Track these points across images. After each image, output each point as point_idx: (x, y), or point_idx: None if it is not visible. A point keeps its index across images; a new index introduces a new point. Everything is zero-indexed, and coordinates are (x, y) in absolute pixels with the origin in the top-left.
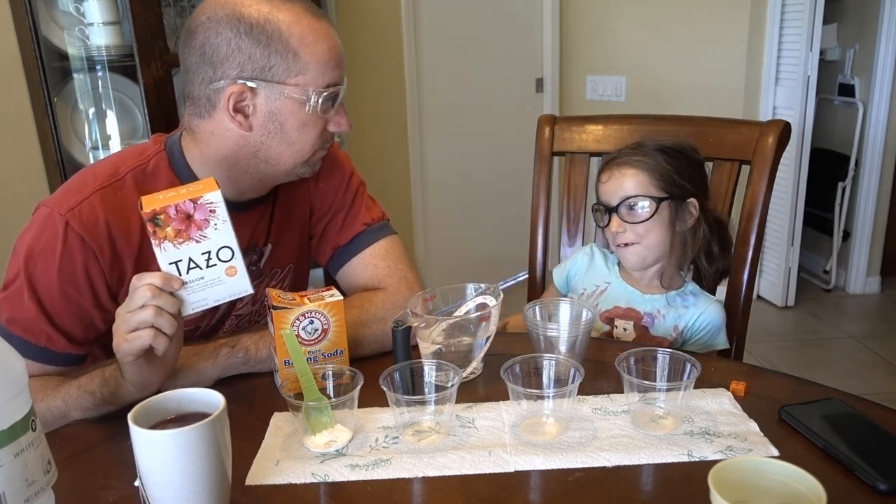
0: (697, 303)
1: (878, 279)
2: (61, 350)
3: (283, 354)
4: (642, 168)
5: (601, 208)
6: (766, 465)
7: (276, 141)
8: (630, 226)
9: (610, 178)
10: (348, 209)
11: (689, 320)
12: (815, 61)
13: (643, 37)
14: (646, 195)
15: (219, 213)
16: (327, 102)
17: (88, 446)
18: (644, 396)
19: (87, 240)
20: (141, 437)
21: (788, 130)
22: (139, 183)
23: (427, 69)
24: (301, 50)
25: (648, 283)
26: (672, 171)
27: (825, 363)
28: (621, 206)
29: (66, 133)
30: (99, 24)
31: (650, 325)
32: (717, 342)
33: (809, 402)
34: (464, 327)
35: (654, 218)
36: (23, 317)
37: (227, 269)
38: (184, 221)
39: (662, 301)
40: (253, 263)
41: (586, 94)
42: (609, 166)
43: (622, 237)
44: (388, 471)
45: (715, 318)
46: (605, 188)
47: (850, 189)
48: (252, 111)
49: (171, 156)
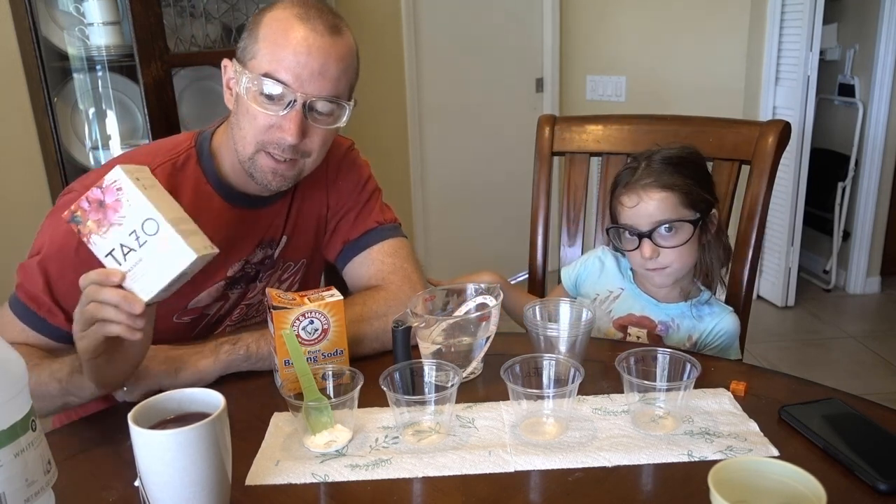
0: (713, 312)
1: (878, 279)
2: (58, 325)
3: (283, 354)
4: (673, 190)
5: (626, 232)
6: (766, 465)
7: (235, 121)
8: (664, 250)
9: (639, 202)
10: (361, 207)
11: (704, 330)
12: (815, 61)
13: (643, 37)
14: (681, 219)
15: (125, 190)
16: (260, 93)
17: (88, 446)
18: (644, 396)
19: None
20: (141, 437)
21: (788, 130)
22: (169, 177)
23: (427, 69)
24: (261, 37)
25: (666, 292)
26: (695, 186)
27: (825, 363)
28: (655, 232)
29: (66, 133)
30: (99, 24)
31: (664, 333)
32: (730, 353)
33: (809, 402)
34: (464, 327)
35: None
36: (31, 287)
37: (159, 243)
38: (98, 210)
39: (678, 310)
40: (268, 257)
41: (586, 94)
42: (634, 188)
43: (656, 262)
44: (388, 471)
45: (730, 329)
46: (632, 212)
47: (850, 189)
48: (234, 87)
49: (200, 152)
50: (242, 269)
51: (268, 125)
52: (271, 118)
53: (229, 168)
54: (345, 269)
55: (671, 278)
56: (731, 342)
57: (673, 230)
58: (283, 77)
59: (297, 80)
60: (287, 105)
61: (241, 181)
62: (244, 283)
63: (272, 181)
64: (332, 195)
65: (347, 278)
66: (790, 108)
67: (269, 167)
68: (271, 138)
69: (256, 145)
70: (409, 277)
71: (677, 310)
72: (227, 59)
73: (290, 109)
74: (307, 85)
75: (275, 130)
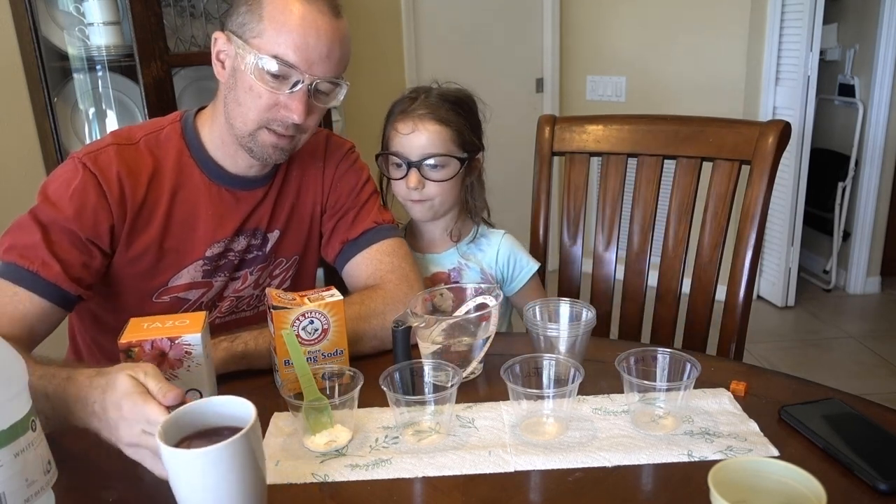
0: (490, 242)
1: (878, 279)
2: (52, 280)
3: (283, 354)
4: (447, 125)
5: (395, 159)
6: (766, 465)
7: (231, 97)
8: (429, 183)
9: (413, 130)
10: (360, 207)
11: (490, 262)
12: (815, 61)
13: (643, 37)
14: (450, 154)
15: (194, 356)
16: (268, 73)
17: (88, 446)
18: (644, 396)
19: (101, 180)
20: (174, 457)
21: (788, 130)
22: (152, 148)
23: (427, 69)
24: (266, 15)
25: (440, 240)
26: (466, 127)
27: (825, 363)
28: (424, 163)
29: (66, 133)
30: (99, 24)
31: (459, 277)
32: (529, 267)
33: (809, 402)
34: (464, 327)
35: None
36: (23, 242)
37: None
38: (157, 358)
39: (457, 253)
40: (257, 248)
41: (586, 94)
42: (410, 116)
43: (419, 193)
44: (388, 471)
45: (511, 249)
46: (405, 140)
47: (850, 189)
48: (227, 62)
49: (185, 126)
50: (224, 254)
51: (272, 103)
52: (276, 96)
53: (216, 143)
54: (344, 268)
55: (431, 212)
56: (519, 258)
57: (440, 165)
58: (292, 59)
59: (307, 62)
60: (293, 84)
61: (226, 158)
62: (227, 271)
63: (272, 155)
64: (332, 195)
65: (346, 278)
66: (790, 108)
67: (269, 142)
68: (275, 116)
69: (259, 122)
70: (407, 277)
71: (456, 253)
72: (219, 32)
73: (295, 89)
74: (315, 67)
75: (279, 109)
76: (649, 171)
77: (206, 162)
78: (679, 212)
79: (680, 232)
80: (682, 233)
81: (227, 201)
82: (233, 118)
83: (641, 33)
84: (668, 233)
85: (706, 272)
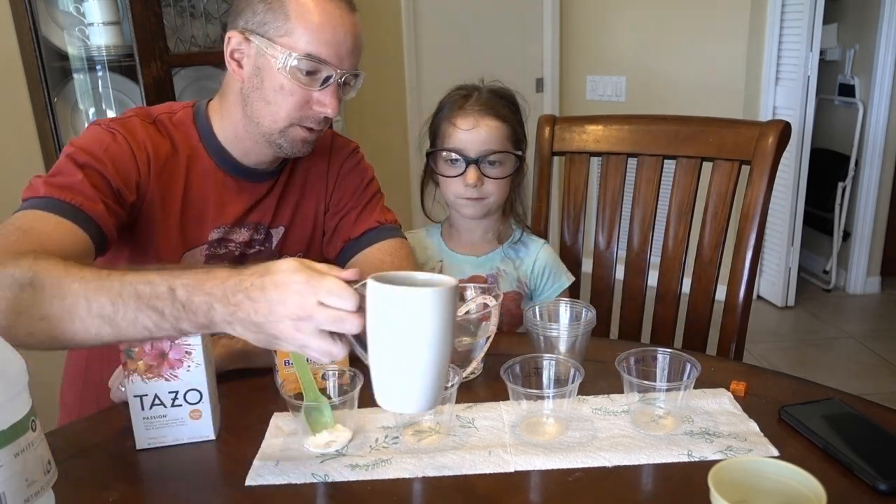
0: (528, 250)
1: (878, 279)
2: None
3: (283, 354)
4: (505, 122)
5: (451, 156)
6: (766, 465)
7: (256, 96)
8: (487, 180)
9: (475, 125)
10: (363, 207)
11: (527, 270)
12: (815, 61)
13: (643, 37)
14: (510, 151)
15: (195, 357)
16: (302, 71)
17: (88, 446)
18: (644, 396)
19: (130, 142)
20: (405, 297)
21: (788, 130)
22: (167, 127)
23: (427, 69)
24: (293, 13)
25: (481, 241)
26: (519, 125)
27: (825, 363)
28: (483, 160)
29: (66, 133)
30: (99, 24)
31: (495, 284)
32: (563, 282)
33: (809, 402)
34: (464, 327)
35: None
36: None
37: (191, 412)
38: (157, 358)
39: (497, 257)
40: (260, 243)
41: (586, 94)
42: (469, 112)
43: (478, 191)
44: (388, 471)
45: (548, 258)
46: (465, 136)
47: (850, 189)
48: (245, 61)
49: (196, 114)
50: (224, 243)
51: (304, 100)
52: (309, 93)
53: (228, 136)
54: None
55: (484, 210)
56: (556, 270)
57: (499, 161)
58: (326, 56)
59: (338, 57)
60: (324, 80)
61: (237, 150)
62: (228, 262)
63: (301, 149)
64: (336, 193)
65: None
66: (790, 108)
67: (300, 137)
68: (308, 113)
69: (291, 120)
70: None
71: (496, 257)
72: (233, 31)
73: (327, 85)
74: (344, 62)
75: (311, 105)
76: (649, 171)
77: (215, 149)
78: (679, 212)
79: (680, 232)
80: (682, 233)
81: (231, 189)
82: (260, 117)
83: (641, 33)
84: (668, 233)
85: (706, 272)
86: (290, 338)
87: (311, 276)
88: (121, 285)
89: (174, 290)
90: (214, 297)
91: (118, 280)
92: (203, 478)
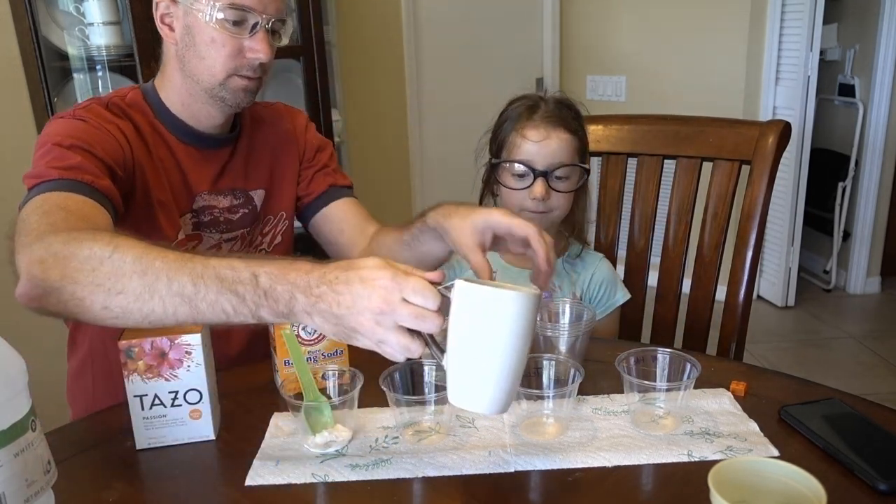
0: (585, 264)
1: (878, 279)
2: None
3: (283, 354)
4: (574, 134)
5: (519, 168)
6: (766, 465)
7: (191, 54)
8: (554, 193)
9: (546, 137)
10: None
11: (583, 285)
12: (815, 61)
13: (643, 37)
14: (578, 165)
15: (195, 356)
16: (229, 21)
17: (88, 446)
18: (644, 396)
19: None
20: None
21: (788, 130)
22: (123, 108)
23: (427, 69)
24: None
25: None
26: (585, 138)
27: (825, 363)
28: (552, 173)
29: None
30: (99, 24)
31: (549, 298)
32: (618, 297)
33: (809, 402)
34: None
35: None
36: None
37: (191, 412)
38: (157, 358)
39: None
40: (242, 206)
41: (586, 94)
42: (540, 123)
43: (544, 205)
44: (388, 471)
45: (607, 274)
46: (535, 148)
47: (850, 189)
48: (175, 23)
49: (146, 92)
50: (209, 211)
51: (237, 50)
52: (240, 42)
53: (177, 105)
54: (311, 221)
55: (548, 224)
56: (613, 287)
57: (567, 175)
58: (249, 3)
59: (261, 4)
60: (252, 27)
61: (190, 118)
62: (214, 229)
63: (243, 99)
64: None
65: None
66: (790, 108)
67: (241, 86)
68: (243, 62)
69: (227, 70)
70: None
71: (559, 268)
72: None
73: (256, 31)
74: (269, 7)
75: (244, 53)
76: (649, 171)
77: (171, 122)
78: (679, 212)
79: (680, 232)
80: (682, 233)
81: (196, 158)
82: (198, 73)
83: (641, 33)
84: (668, 233)
85: (706, 272)
86: (370, 331)
87: (397, 274)
88: (203, 268)
89: (257, 277)
90: (297, 287)
91: (201, 263)
92: (203, 478)
